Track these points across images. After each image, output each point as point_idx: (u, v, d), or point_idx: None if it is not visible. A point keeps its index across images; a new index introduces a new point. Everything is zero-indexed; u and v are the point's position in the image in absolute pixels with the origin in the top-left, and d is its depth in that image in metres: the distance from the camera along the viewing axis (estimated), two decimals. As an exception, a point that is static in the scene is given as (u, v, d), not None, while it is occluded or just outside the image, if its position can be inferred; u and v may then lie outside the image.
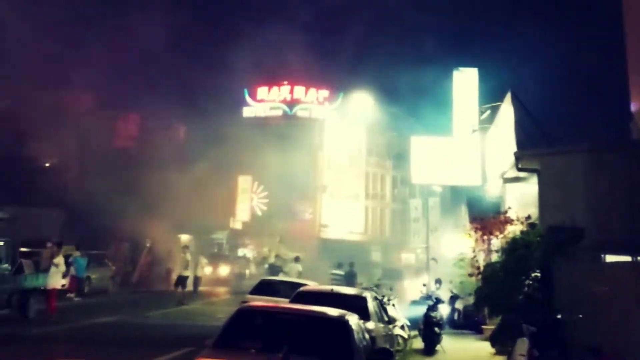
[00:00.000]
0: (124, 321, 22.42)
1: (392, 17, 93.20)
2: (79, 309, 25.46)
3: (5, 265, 20.82)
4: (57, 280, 21.69)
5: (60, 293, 28.66)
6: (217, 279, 41.82)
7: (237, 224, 61.26)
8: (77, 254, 30.96)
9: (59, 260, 21.88)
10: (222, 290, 37.79)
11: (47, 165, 52.06)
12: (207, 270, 35.17)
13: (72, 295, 29.62)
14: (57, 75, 48.72)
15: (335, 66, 71.68)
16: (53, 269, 21.52)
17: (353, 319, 9.42)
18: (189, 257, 30.31)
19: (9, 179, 37.46)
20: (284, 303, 13.89)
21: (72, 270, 30.16)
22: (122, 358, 14.69)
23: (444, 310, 20.98)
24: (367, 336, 9.95)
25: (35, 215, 39.17)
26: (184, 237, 55.40)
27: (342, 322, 9.09)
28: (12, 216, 37.52)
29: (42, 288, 23.31)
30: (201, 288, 35.70)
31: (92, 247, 34.40)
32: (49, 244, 39.20)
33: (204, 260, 36.83)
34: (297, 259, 34.29)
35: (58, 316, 22.56)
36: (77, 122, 48.10)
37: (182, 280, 29.79)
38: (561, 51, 68.99)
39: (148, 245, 40.75)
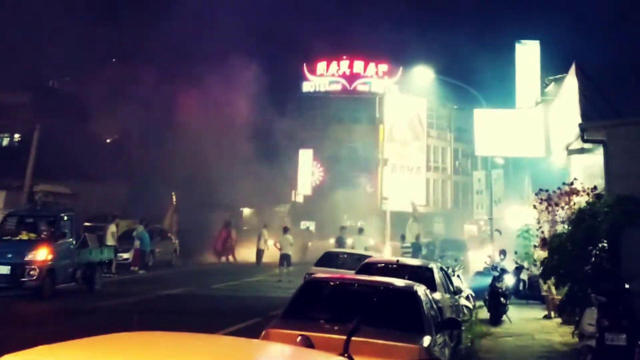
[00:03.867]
0: (190, 293, 22.81)
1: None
2: (144, 282, 25.92)
3: (70, 240, 21.10)
4: None
5: (124, 266, 29.35)
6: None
7: (298, 198, 61.62)
8: (141, 228, 31.45)
9: None
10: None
11: (109, 141, 53.05)
12: (269, 243, 35.32)
13: (135, 268, 30.18)
14: (117, 51, 49.37)
15: (394, 40, 70.89)
16: None
17: (421, 289, 9.41)
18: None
19: (72, 155, 38.13)
20: (349, 275, 13.85)
21: (137, 244, 30.77)
22: (191, 329, 14.87)
23: (509, 281, 20.89)
24: (434, 306, 9.94)
25: (98, 191, 40.00)
26: (246, 211, 56.04)
27: (411, 293, 9.06)
28: (76, 191, 38.38)
29: (106, 262, 23.93)
30: (264, 260, 36.06)
31: (155, 221, 35.07)
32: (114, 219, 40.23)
33: (266, 233, 37.17)
34: (360, 231, 34.21)
35: (124, 289, 23.06)
36: (138, 98, 48.83)
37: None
38: (628, 19, 67.03)
39: (226, 219, 41.25)
